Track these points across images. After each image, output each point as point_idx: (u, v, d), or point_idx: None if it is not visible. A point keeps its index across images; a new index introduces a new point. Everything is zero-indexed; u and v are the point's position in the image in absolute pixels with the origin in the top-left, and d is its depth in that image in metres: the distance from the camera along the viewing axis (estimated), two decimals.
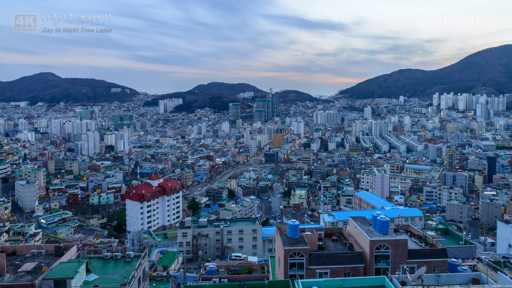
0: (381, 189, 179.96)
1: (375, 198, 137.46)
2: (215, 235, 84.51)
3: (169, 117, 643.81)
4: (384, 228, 38.73)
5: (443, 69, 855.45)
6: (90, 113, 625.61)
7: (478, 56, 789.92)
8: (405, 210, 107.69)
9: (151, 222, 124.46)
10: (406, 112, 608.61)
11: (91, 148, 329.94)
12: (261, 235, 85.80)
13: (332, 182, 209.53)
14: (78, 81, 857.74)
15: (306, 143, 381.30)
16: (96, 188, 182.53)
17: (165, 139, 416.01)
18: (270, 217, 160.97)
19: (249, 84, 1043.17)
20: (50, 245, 41.46)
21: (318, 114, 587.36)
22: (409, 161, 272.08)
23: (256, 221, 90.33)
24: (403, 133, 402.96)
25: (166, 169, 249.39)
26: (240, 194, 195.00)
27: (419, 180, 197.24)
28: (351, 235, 42.23)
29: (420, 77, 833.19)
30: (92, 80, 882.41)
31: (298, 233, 39.56)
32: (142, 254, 41.84)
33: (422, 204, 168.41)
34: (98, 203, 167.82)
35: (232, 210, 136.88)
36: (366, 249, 37.46)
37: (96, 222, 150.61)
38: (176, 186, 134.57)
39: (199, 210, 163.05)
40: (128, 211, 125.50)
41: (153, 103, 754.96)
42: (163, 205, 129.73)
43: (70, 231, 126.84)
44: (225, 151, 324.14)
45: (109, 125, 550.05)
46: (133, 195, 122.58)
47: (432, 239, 42.24)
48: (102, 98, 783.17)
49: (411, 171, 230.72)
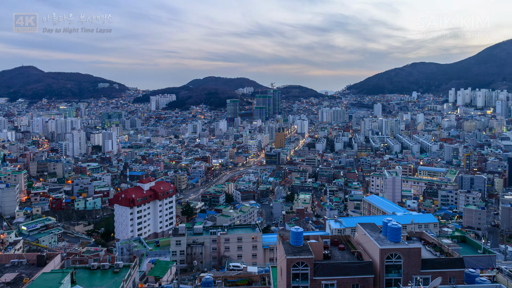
0: (393, 193, 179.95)
1: (385, 203, 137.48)
2: (212, 243, 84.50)
3: (161, 114, 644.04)
4: (396, 235, 38.71)
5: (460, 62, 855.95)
6: (76, 110, 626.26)
7: (498, 48, 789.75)
8: (418, 216, 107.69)
9: (141, 229, 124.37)
10: (419, 109, 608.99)
11: (76, 148, 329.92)
12: (262, 243, 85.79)
13: (339, 186, 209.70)
14: (62, 76, 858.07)
15: (311, 143, 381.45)
16: (81, 192, 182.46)
17: (157, 139, 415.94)
18: (271, 224, 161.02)
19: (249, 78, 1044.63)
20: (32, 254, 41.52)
21: (323, 112, 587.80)
22: (423, 162, 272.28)
23: (256, 228, 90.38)
24: (416, 132, 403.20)
25: (158, 172, 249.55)
26: (239, 198, 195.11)
27: (434, 183, 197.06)
28: (360, 243, 42.20)
29: (434, 71, 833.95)
30: (78, 75, 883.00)
31: (302, 241, 39.54)
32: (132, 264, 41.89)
33: (437, 209, 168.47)
34: (84, 208, 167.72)
35: (230, 216, 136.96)
36: (376, 258, 37.44)
37: (82, 229, 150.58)
38: (169, 190, 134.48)
39: (194, 216, 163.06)
40: (116, 217, 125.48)
41: (144, 100, 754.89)
42: (155, 210, 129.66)
43: (53, 239, 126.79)
44: (223, 151, 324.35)
45: (96, 124, 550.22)
46: (122, 199, 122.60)
47: (448, 248, 42.22)
48: (89, 94, 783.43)
49: (425, 173, 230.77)
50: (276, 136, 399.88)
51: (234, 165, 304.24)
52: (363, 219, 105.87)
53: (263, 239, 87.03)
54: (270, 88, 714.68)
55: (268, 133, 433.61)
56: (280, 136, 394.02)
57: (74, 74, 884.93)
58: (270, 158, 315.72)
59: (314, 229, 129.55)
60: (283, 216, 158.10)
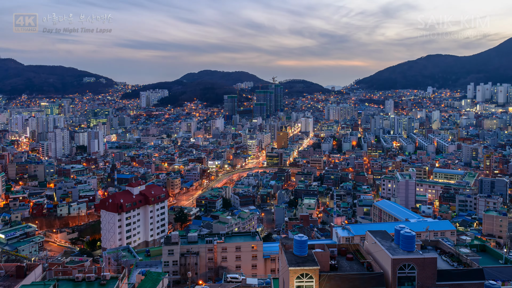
0: (406, 198, 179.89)
1: (398, 209, 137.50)
2: (208, 253, 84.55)
3: (152, 111, 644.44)
4: (409, 244, 38.71)
5: (479, 54, 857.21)
6: (58, 107, 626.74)
7: None
8: (434, 222, 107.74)
9: (131, 237, 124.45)
10: (435, 105, 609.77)
11: (59, 149, 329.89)
12: (262, 252, 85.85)
13: (347, 190, 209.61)
14: (44, 69, 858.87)
15: (316, 143, 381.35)
16: (65, 196, 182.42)
17: (147, 138, 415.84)
18: (273, 231, 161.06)
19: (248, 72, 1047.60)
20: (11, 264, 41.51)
21: (330, 108, 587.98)
22: (439, 164, 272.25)
23: (256, 236, 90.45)
24: (432, 131, 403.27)
25: (149, 174, 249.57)
26: (237, 203, 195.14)
27: (451, 187, 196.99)
28: (370, 253, 42.21)
29: (451, 64, 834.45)
30: (61, 68, 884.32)
31: (306, 250, 39.53)
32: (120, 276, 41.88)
33: (455, 215, 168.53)
34: (67, 215, 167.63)
35: (228, 222, 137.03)
36: (388, 269, 37.43)
37: (65, 237, 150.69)
38: (160, 195, 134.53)
39: (188, 222, 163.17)
40: (103, 224, 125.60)
41: (133, 95, 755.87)
42: (145, 217, 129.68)
43: (34, 248, 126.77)
44: (219, 152, 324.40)
45: (81, 122, 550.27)
46: (109, 205, 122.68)
47: (466, 258, 42.21)
48: (73, 89, 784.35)
49: (441, 176, 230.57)
50: (278, 135, 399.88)
51: (232, 167, 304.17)
52: (373, 226, 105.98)
53: (264, 248, 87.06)
54: (272, 83, 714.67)
55: (269, 132, 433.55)
56: (283, 135, 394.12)
57: (57, 67, 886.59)
58: (271, 160, 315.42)
59: (319, 237, 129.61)
60: (286, 223, 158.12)
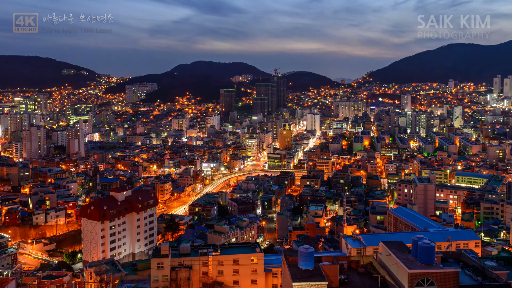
0: (424, 205, 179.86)
1: (415, 217, 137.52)
2: (202, 266, 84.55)
3: (139, 107, 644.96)
4: (428, 256, 38.76)
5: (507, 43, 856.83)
6: (34, 102, 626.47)
7: None
8: (456, 232, 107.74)
9: (115, 249, 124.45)
10: (457, 100, 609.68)
11: (35, 149, 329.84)
12: (263, 266, 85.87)
13: (358, 195, 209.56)
14: (17, 60, 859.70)
15: (324, 143, 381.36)
16: (41, 203, 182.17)
17: (134, 138, 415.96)
18: (275, 242, 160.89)
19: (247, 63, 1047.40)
20: None
21: (339, 104, 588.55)
22: (462, 166, 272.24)
23: (256, 247, 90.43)
24: (454, 129, 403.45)
25: (136, 178, 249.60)
26: (235, 211, 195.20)
27: (475, 192, 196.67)
28: (384, 266, 42.25)
29: (476, 54, 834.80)
30: (37, 59, 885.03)
31: (312, 263, 39.57)
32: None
33: (479, 224, 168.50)
34: (44, 223, 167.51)
35: (224, 232, 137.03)
36: (404, 284, 37.47)
37: (42, 249, 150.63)
38: (149, 201, 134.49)
39: (180, 232, 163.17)
40: (84, 233, 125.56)
41: (118, 89, 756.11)
42: (132, 226, 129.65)
43: (6, 261, 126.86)
44: (215, 153, 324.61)
45: (59, 119, 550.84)
46: (91, 212, 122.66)
47: (492, 272, 42.22)
48: (50, 82, 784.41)
49: (464, 180, 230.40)
50: (280, 134, 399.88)
51: (229, 169, 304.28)
52: (388, 237, 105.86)
53: (265, 261, 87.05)
54: (274, 75, 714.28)
55: (271, 130, 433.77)
56: (286, 134, 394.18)
57: (32, 58, 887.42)
58: (273, 162, 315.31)
59: (327, 249, 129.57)
60: (290, 232, 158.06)
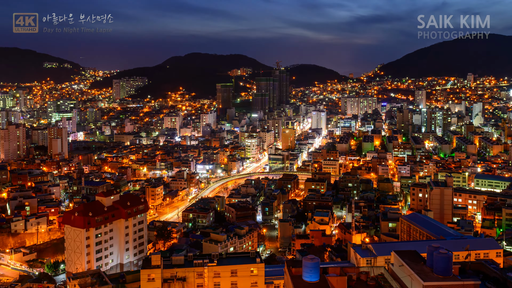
0: (440, 210, 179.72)
1: (431, 224, 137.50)
2: (197, 278, 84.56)
3: (128, 104, 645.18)
4: (445, 267, 38.77)
5: None
6: (13, 98, 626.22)
7: None
8: (475, 241, 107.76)
9: (101, 259, 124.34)
10: (476, 96, 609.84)
11: (13, 149, 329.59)
12: (264, 277, 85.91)
13: (368, 200, 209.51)
14: None
15: (330, 142, 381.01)
16: (21, 209, 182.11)
17: (122, 137, 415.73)
18: (276, 252, 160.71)
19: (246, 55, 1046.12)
20: None
21: (347, 100, 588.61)
22: (482, 169, 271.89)
23: (256, 257, 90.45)
24: (473, 128, 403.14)
25: (124, 181, 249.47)
26: (233, 217, 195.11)
27: (497, 197, 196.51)
28: (396, 278, 42.24)
29: (497, 45, 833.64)
30: (16, 50, 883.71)
31: (318, 275, 39.56)
32: None
33: (501, 232, 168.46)
34: (24, 231, 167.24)
35: (221, 241, 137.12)
36: None
37: (21, 259, 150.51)
38: (138, 206, 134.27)
39: (172, 241, 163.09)
40: (68, 242, 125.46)
41: (105, 84, 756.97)
42: (120, 233, 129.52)
43: None
44: (211, 154, 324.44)
45: (40, 116, 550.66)
46: (75, 219, 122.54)
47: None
48: (30, 76, 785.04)
49: (485, 183, 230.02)
50: (283, 133, 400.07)
51: (227, 172, 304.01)
52: (400, 246, 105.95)
53: (266, 273, 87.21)
54: (276, 68, 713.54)
55: (272, 129, 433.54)
56: (289, 133, 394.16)
57: (10, 49, 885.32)
58: (275, 163, 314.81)
59: (334, 259, 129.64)
60: (293, 241, 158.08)
